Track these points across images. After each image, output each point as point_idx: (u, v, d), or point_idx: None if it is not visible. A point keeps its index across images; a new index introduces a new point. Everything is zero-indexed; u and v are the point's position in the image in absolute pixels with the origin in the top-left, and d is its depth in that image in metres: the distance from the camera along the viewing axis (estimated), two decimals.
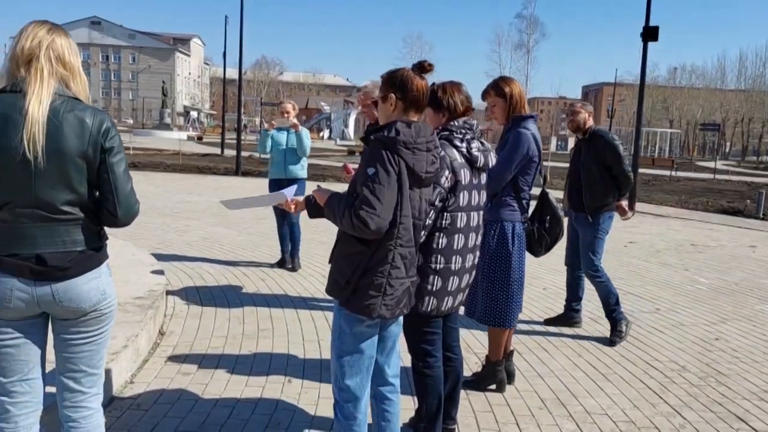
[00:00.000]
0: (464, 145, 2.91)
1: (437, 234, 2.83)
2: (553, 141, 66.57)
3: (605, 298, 4.88)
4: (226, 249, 7.74)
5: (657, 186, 22.26)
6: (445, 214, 2.82)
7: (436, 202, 2.78)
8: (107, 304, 2.25)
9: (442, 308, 2.90)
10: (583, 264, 4.94)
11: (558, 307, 5.51)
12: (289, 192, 2.92)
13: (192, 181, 16.52)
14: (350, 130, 63.41)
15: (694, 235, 10.81)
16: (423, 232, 2.75)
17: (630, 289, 6.57)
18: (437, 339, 3.02)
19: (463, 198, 2.86)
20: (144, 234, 8.30)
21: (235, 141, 22.87)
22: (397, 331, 2.79)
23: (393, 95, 2.55)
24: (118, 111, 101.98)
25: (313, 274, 6.63)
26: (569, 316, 5.24)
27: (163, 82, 57.63)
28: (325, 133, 67.62)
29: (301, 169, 6.69)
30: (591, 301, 6.02)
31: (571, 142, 65.67)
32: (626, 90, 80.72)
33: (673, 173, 28.89)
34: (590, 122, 4.95)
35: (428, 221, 2.76)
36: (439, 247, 2.83)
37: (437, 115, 3.00)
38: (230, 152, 28.86)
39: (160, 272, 5.56)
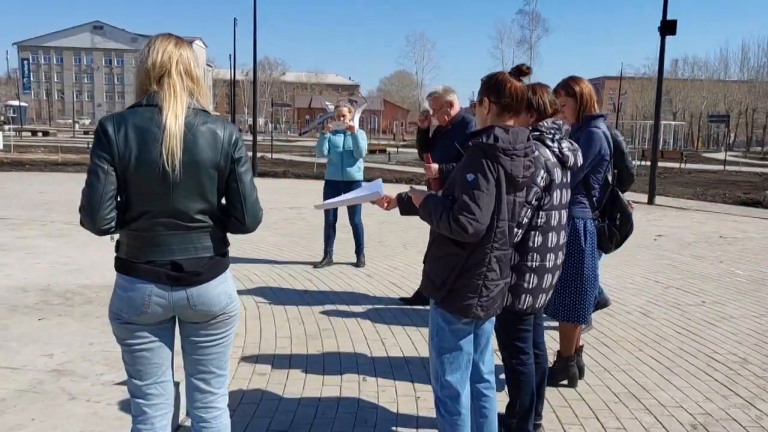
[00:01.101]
0: (555, 144, 2.97)
1: (533, 232, 2.88)
2: None
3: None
4: (264, 250, 7.81)
5: (669, 179, 22.27)
6: (541, 212, 2.88)
7: (533, 201, 2.83)
8: (233, 306, 2.33)
9: (537, 305, 2.96)
10: None
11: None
12: (380, 188, 2.98)
13: None
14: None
15: (721, 227, 10.85)
16: (519, 232, 2.81)
17: (672, 282, 6.62)
18: (530, 336, 3.08)
19: (556, 196, 2.92)
20: None
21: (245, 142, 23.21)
22: (490, 328, 2.85)
23: (487, 99, 2.61)
24: None
25: (358, 273, 6.70)
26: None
27: None
28: None
29: (357, 171, 6.80)
30: (639, 296, 6.09)
31: None
32: (628, 84, 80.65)
33: (683, 165, 28.89)
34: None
35: (524, 220, 2.83)
36: (535, 245, 2.88)
37: (526, 116, 3.06)
38: None
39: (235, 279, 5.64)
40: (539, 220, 2.89)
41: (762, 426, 3.41)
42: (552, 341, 4.40)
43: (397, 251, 7.97)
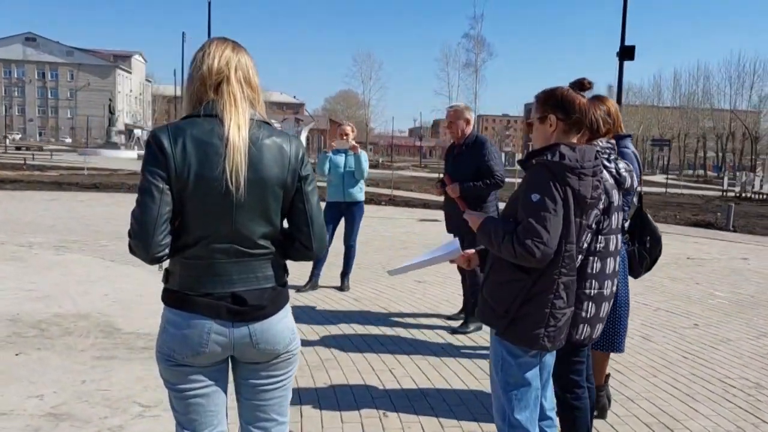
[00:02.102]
0: (612, 165, 2.81)
1: (592, 258, 2.70)
2: (502, 157, 67.81)
3: None
4: None
5: None
6: (600, 237, 2.71)
7: (592, 225, 2.66)
8: (297, 344, 2.05)
9: (594, 335, 2.77)
10: None
11: None
12: (458, 246, 2.76)
13: None
14: None
15: (684, 249, 11.07)
16: (580, 257, 2.63)
17: (659, 305, 6.61)
18: (584, 369, 2.89)
19: (614, 220, 2.76)
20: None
21: None
22: (551, 361, 2.65)
23: (554, 116, 2.43)
24: (56, 130, 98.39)
25: (345, 297, 6.41)
26: None
27: (110, 99, 55.78)
28: None
29: (359, 192, 6.54)
30: (633, 318, 6.02)
31: (517, 157, 67.05)
32: None
33: None
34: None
35: (584, 244, 2.65)
36: (594, 271, 2.70)
37: (581, 135, 2.89)
38: None
39: None
40: (598, 245, 2.71)
41: None
42: None
43: (378, 273, 7.71)
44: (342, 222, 6.67)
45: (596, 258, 2.71)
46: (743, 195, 28.37)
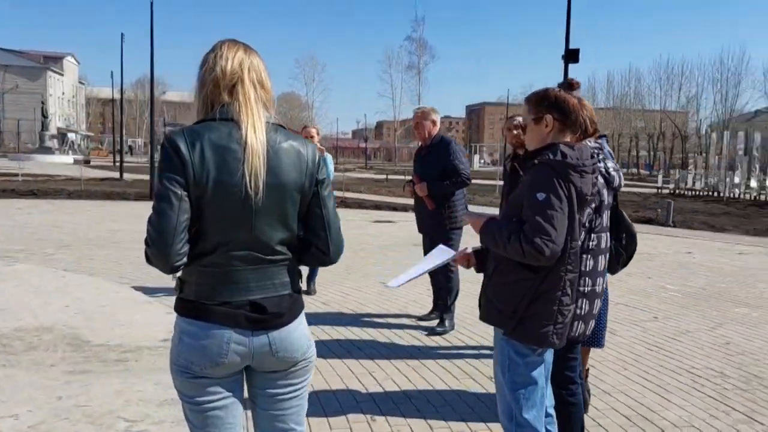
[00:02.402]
0: (602, 164, 2.88)
1: (585, 256, 2.75)
2: None
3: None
4: None
5: None
6: (592, 235, 2.77)
7: (586, 223, 2.72)
8: (313, 351, 2.01)
9: (586, 332, 2.83)
10: None
11: None
12: (450, 250, 2.76)
13: (107, 208, 15.36)
14: None
15: None
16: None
17: (617, 299, 6.81)
18: (577, 365, 2.95)
19: (604, 218, 2.83)
20: (99, 268, 7.59)
21: (131, 164, 21.70)
22: (551, 359, 2.68)
23: (550, 116, 2.47)
24: None
25: (312, 302, 6.32)
26: None
27: (43, 102, 53.43)
28: None
29: None
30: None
31: None
32: (503, 110, 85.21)
33: None
34: None
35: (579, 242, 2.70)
36: (588, 269, 2.76)
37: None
38: (129, 176, 27.32)
39: (167, 308, 5.08)
40: (591, 243, 2.77)
41: None
42: None
43: (341, 276, 7.65)
44: None
45: (589, 255, 2.77)
46: (677, 192, 29.63)
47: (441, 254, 2.81)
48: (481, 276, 2.65)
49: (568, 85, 2.55)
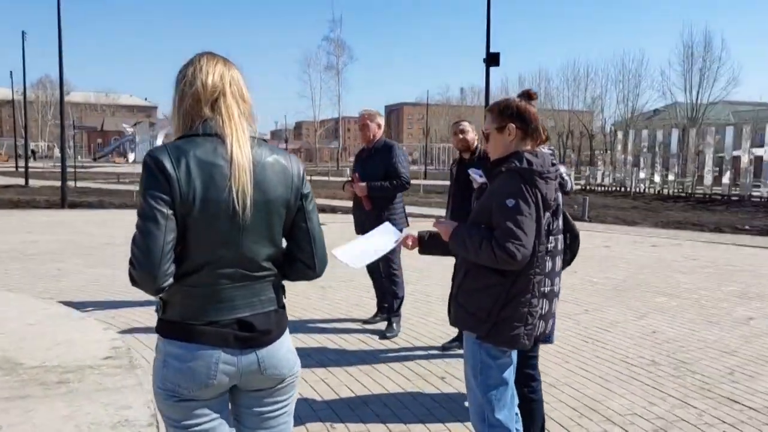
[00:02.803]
0: (555, 169, 3.00)
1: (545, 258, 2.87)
2: None
3: None
4: (141, 294, 6.94)
5: None
6: (550, 237, 2.89)
7: (545, 226, 2.83)
8: (298, 366, 2.01)
9: (546, 331, 2.95)
10: None
11: None
12: (397, 228, 2.79)
13: (16, 217, 14.48)
14: None
15: None
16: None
17: None
18: (537, 363, 3.06)
19: (560, 221, 2.96)
20: (17, 283, 7.15)
21: (37, 169, 20.50)
22: (515, 359, 2.79)
23: (512, 125, 2.57)
24: None
25: None
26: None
27: None
28: (130, 157, 63.59)
29: None
30: None
31: None
32: (423, 111, 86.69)
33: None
34: (477, 142, 4.99)
35: None
36: (546, 270, 2.88)
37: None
38: (36, 182, 25.84)
39: (104, 323, 4.86)
40: (549, 245, 2.89)
41: (708, 423, 3.73)
42: None
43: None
44: None
45: (548, 257, 2.89)
46: (588, 188, 31.08)
47: (387, 233, 2.81)
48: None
49: (528, 95, 2.65)
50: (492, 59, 13.79)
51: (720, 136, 24.69)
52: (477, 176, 3.84)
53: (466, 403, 3.95)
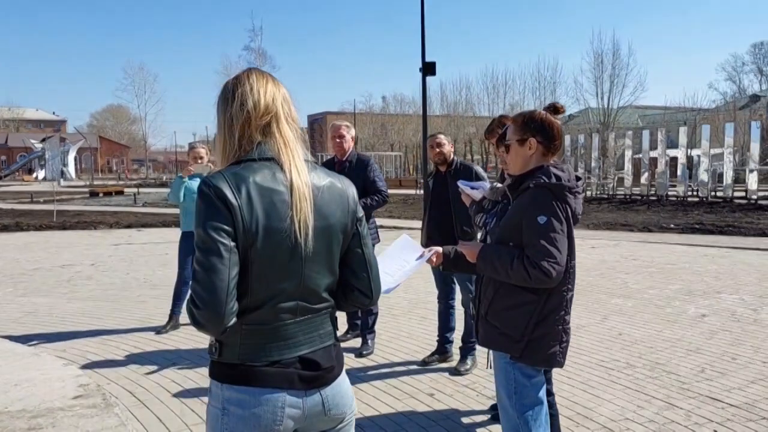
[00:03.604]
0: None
1: None
2: None
3: (472, 329, 4.50)
4: (75, 321, 6.49)
5: (416, 204, 24.30)
6: None
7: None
8: (355, 403, 1.87)
9: None
10: (463, 294, 4.83)
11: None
12: (415, 243, 2.69)
13: None
14: (70, 169, 57.20)
15: None
16: None
17: None
18: (551, 376, 3.04)
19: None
20: None
21: None
22: None
23: (534, 139, 2.54)
24: None
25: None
26: (443, 350, 5.00)
27: None
28: (39, 174, 60.21)
29: None
30: None
31: None
32: (349, 118, 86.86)
33: (418, 191, 31.84)
34: (453, 154, 4.96)
35: None
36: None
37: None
38: None
39: (61, 359, 4.48)
40: None
41: (697, 423, 3.82)
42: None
43: None
44: None
45: None
46: None
47: (406, 247, 2.68)
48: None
49: (554, 108, 2.61)
50: (428, 68, 13.90)
51: (637, 139, 25.96)
52: (468, 188, 3.80)
53: (464, 419, 3.91)
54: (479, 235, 3.30)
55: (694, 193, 22.41)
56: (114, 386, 4.42)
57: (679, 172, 22.53)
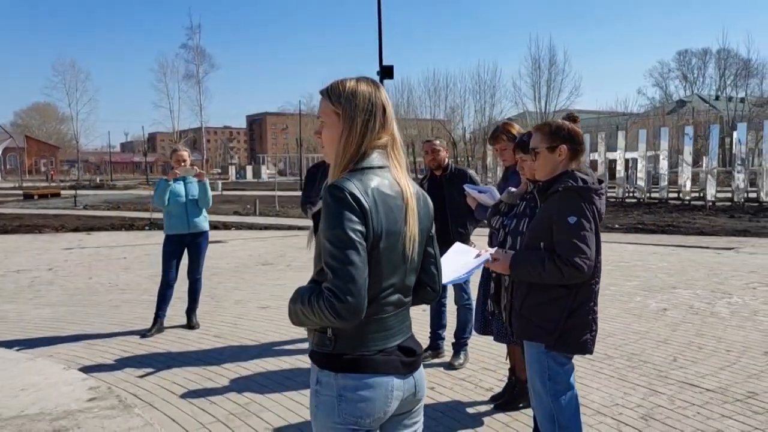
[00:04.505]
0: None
1: None
2: (232, 170, 67.41)
3: (465, 325, 5.07)
4: (53, 326, 6.36)
5: None
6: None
7: None
8: None
9: None
10: (456, 292, 5.09)
11: None
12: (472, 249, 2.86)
13: None
14: None
15: None
16: None
17: None
18: None
19: None
20: None
21: None
22: None
23: (564, 146, 2.77)
24: None
25: (204, 336, 5.95)
26: (435, 345, 5.23)
27: None
28: None
29: (204, 221, 6.03)
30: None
31: (250, 171, 67.37)
32: (289, 119, 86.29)
33: None
34: (447, 159, 5.20)
35: None
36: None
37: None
38: None
39: (59, 363, 4.44)
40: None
41: (681, 406, 4.15)
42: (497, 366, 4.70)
43: (210, 305, 7.24)
44: (185, 255, 6.19)
45: None
46: None
47: (461, 252, 2.85)
48: None
49: (572, 118, 2.86)
50: (385, 72, 14.17)
51: None
52: (475, 192, 4.02)
53: (469, 410, 4.13)
54: (499, 236, 3.51)
55: (632, 194, 23.54)
56: (129, 387, 4.42)
57: (620, 174, 23.57)
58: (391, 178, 1.80)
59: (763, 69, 52.17)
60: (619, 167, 23.56)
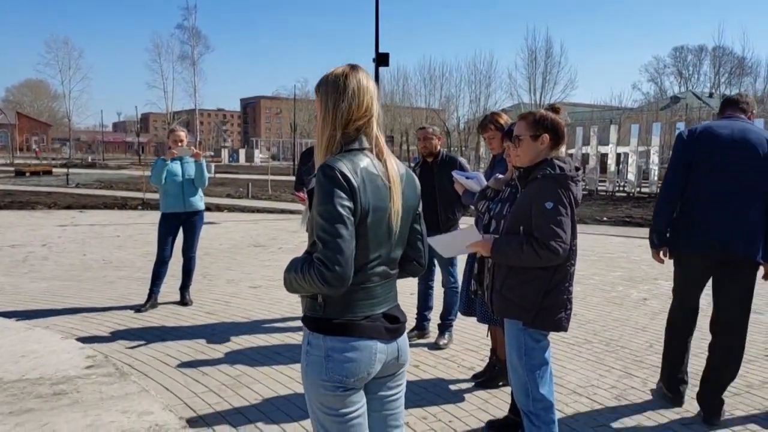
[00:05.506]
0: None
1: None
2: (224, 153, 67.27)
3: (451, 307, 5.22)
4: (49, 299, 6.50)
5: None
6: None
7: None
8: None
9: None
10: (444, 276, 5.28)
11: None
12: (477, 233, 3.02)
13: None
14: None
15: None
16: None
17: None
18: None
19: None
20: None
21: None
22: None
23: (547, 135, 2.94)
24: None
25: (197, 313, 6.11)
26: (421, 326, 5.40)
27: None
28: None
29: (200, 200, 6.16)
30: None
31: (242, 154, 67.32)
32: (283, 104, 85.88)
33: None
34: (439, 147, 5.33)
35: None
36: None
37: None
38: None
39: (58, 332, 4.59)
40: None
41: (651, 388, 4.36)
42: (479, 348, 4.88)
43: (202, 284, 7.41)
44: (180, 233, 6.33)
45: None
46: None
47: (470, 236, 3.01)
48: None
49: (554, 109, 3.02)
50: (381, 59, 14.26)
51: (571, 136, 27.21)
52: (462, 178, 4.18)
53: (452, 387, 4.31)
54: (484, 220, 3.68)
55: (622, 188, 23.79)
56: (125, 357, 4.58)
57: (611, 168, 23.81)
58: (376, 160, 1.95)
59: (757, 68, 52.50)
60: (611, 161, 23.78)
